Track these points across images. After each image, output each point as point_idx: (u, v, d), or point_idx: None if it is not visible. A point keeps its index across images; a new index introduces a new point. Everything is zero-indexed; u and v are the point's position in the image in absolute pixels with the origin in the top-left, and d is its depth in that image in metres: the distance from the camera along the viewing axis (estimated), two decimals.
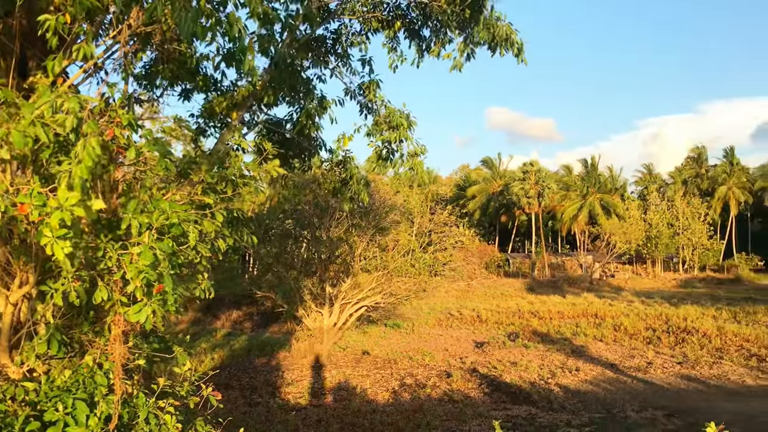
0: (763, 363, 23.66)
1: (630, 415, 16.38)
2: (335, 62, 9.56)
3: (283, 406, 17.45)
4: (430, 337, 30.05)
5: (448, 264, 29.28)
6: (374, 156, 9.68)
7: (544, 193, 74.46)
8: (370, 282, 25.41)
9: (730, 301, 45.94)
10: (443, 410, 16.85)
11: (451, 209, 33.45)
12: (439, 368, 22.74)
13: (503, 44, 8.75)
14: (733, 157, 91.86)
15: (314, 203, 24.17)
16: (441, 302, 42.65)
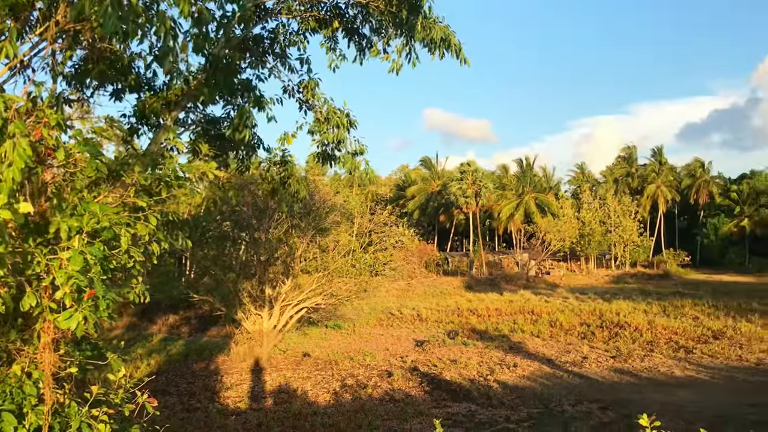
0: (690, 354, 24.63)
1: (566, 409, 16.78)
2: (273, 61, 9.46)
3: (223, 411, 17.18)
4: (371, 337, 30.12)
5: (389, 264, 29.39)
6: (314, 155, 9.63)
7: (481, 193, 75.57)
8: (311, 283, 25.28)
9: (659, 295, 47.66)
10: (384, 410, 16.90)
11: (391, 209, 33.60)
12: (380, 368, 22.80)
13: (441, 46, 8.83)
14: (662, 156, 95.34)
15: (253, 204, 23.89)
16: (382, 302, 42.80)
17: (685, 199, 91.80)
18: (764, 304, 39.59)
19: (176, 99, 8.36)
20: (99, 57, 7.31)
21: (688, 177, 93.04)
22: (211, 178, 6.29)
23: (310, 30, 9.42)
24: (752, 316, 33.51)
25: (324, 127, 9.19)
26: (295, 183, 9.64)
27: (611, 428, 14.44)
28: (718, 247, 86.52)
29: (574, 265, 79.96)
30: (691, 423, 14.46)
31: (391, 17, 8.70)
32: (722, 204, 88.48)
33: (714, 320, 32.58)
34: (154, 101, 8.32)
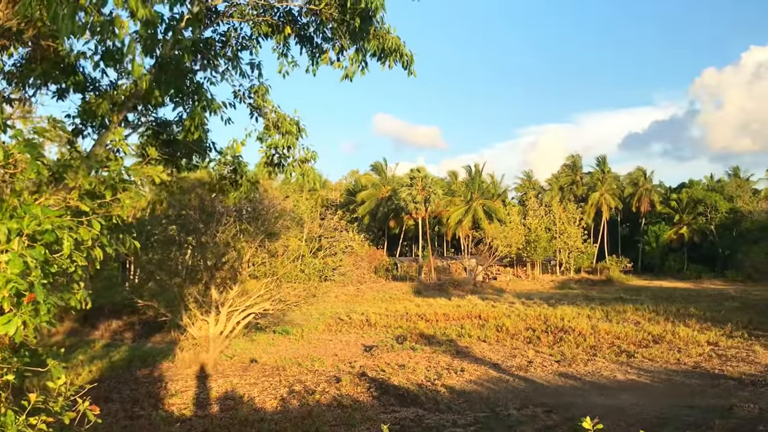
0: (631, 358, 25.28)
1: (512, 413, 17.01)
2: (225, 65, 9.37)
3: (167, 418, 16.85)
4: (319, 343, 29.98)
5: (338, 269, 29.40)
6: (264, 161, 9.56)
7: (430, 199, 76.12)
8: (259, 288, 25.04)
9: (602, 301, 48.81)
10: (332, 416, 16.84)
11: (342, 214, 33.66)
12: (328, 374, 22.71)
13: (393, 56, 8.89)
14: (605, 165, 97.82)
15: (200, 208, 23.55)
16: (331, 307, 42.65)
17: (627, 206, 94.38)
18: (701, 309, 40.95)
19: (123, 100, 8.20)
20: (42, 56, 7.12)
21: (631, 185, 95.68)
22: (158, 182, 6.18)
23: (262, 35, 9.36)
24: (690, 321, 34.65)
25: (273, 133, 9.13)
26: (246, 183, 9.55)
27: (555, 431, 14.69)
28: (659, 254, 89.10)
29: (521, 270, 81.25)
30: (632, 425, 14.85)
31: (344, 26, 8.72)
32: (663, 212, 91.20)
33: (654, 325, 33.52)
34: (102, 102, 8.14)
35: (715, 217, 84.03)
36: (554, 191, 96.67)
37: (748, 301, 47.32)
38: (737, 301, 48.08)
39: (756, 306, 43.67)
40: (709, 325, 33.26)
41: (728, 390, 19.75)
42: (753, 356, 25.25)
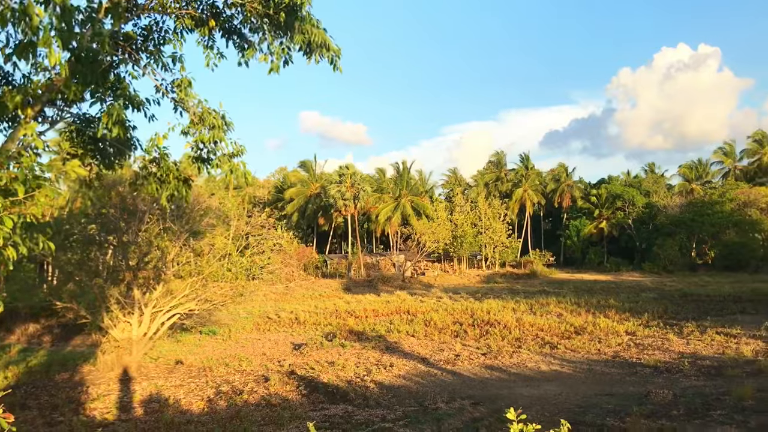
0: (555, 350, 26.05)
1: (440, 406, 17.25)
2: (147, 59, 9.10)
3: (88, 423, 16.28)
4: (247, 342, 29.59)
5: (266, 267, 29.07)
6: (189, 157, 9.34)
7: (359, 196, 76.28)
8: (184, 288, 24.50)
9: (527, 294, 50.09)
10: (261, 415, 16.67)
11: (270, 212, 33.26)
12: (256, 373, 22.46)
13: (318, 50, 8.84)
14: (528, 162, 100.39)
15: (121, 206, 22.84)
16: (259, 306, 42.16)
17: (550, 202, 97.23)
18: (620, 300, 42.62)
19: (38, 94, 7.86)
20: None
21: (553, 181, 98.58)
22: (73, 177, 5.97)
23: (186, 28, 9.14)
24: (610, 312, 36.00)
25: (199, 127, 8.94)
26: (174, 182, 9.29)
27: (482, 423, 14.99)
28: (580, 248, 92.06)
29: (448, 265, 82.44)
30: (555, 414, 15.31)
31: (268, 19, 8.62)
32: (583, 207, 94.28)
33: (576, 317, 34.64)
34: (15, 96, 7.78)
35: (632, 211, 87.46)
36: (480, 187, 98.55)
37: (663, 292, 49.54)
38: (653, 292, 50.26)
39: (671, 296, 45.78)
40: (628, 316, 34.63)
41: (645, 377, 20.62)
42: (667, 344, 26.43)
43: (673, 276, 68.58)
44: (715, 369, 21.43)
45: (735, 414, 14.87)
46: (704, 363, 22.50)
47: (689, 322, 31.97)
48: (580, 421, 14.19)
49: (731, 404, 15.84)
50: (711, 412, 15.24)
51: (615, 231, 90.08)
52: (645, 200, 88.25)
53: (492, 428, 14.32)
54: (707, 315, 34.94)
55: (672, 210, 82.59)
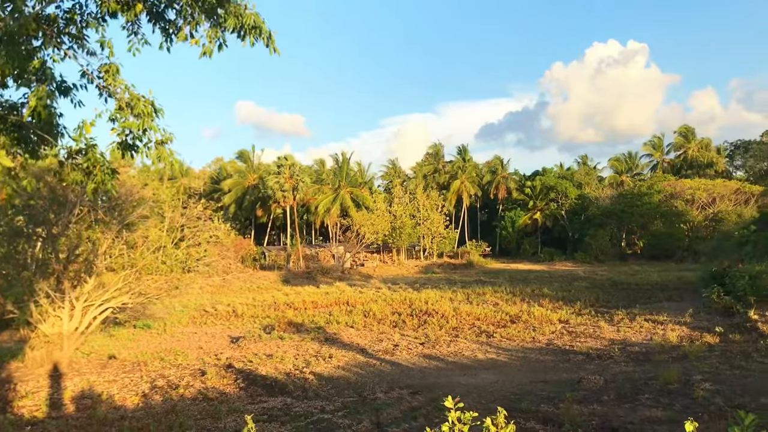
0: (491, 338, 26.52)
1: (379, 396, 17.32)
2: (70, 43, 8.74)
3: (16, 422, 15.67)
4: (183, 336, 29.05)
5: (203, 259, 28.53)
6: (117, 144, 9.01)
7: (299, 187, 75.70)
8: (117, 281, 23.82)
9: (464, 284, 50.80)
10: (197, 409, 16.40)
11: (206, 203, 32.58)
12: (193, 367, 22.07)
13: (251, 32, 8.67)
14: (466, 154, 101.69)
15: (50, 197, 22.01)
16: (195, 299, 41.42)
17: (486, 193, 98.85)
18: (553, 289, 43.71)
19: None
20: None
21: (489, 173, 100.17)
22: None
23: (110, 12, 8.81)
24: (544, 301, 36.90)
25: (126, 114, 8.66)
26: (101, 174, 8.98)
27: (420, 412, 15.12)
28: (515, 238, 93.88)
29: (387, 256, 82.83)
30: (491, 402, 15.58)
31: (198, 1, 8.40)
32: (518, 198, 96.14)
33: (511, 306, 35.35)
34: None
35: (565, 203, 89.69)
36: (418, 179, 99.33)
37: (595, 281, 51.05)
38: (585, 281, 51.73)
39: (602, 285, 47.22)
40: (561, 304, 35.55)
41: (577, 364, 21.21)
42: (599, 332, 27.26)
43: (604, 265, 70.73)
44: (643, 355, 22.22)
45: (661, 397, 15.45)
46: (633, 349, 23.30)
47: (619, 309, 33.04)
48: (515, 408, 14.48)
49: (658, 388, 16.46)
50: (639, 396, 15.80)
51: (549, 222, 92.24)
52: (577, 192, 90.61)
53: (430, 417, 14.46)
54: (636, 303, 36.18)
55: (603, 201, 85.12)
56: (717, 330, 25.52)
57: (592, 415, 13.84)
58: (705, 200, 77.66)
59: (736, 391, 15.84)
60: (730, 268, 35.82)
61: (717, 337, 24.57)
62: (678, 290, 42.10)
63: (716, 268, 37.63)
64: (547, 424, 13.24)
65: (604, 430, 12.71)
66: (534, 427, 12.94)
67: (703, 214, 76.96)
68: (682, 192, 79.27)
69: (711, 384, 16.56)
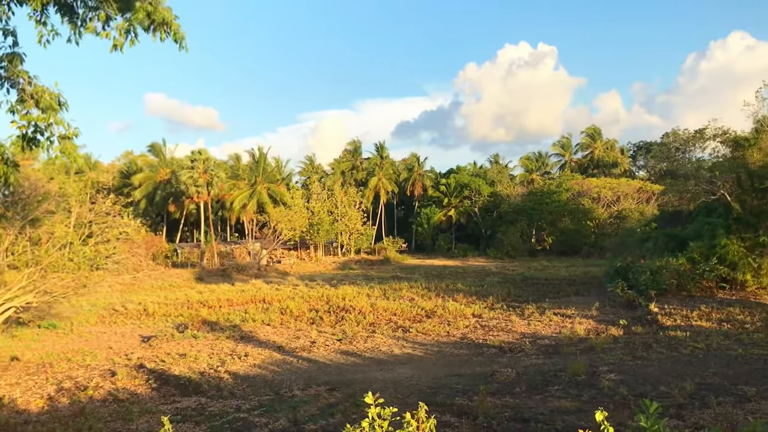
0: (407, 333, 26.91)
1: (296, 393, 17.32)
2: None
3: None
4: (91, 336, 28.02)
5: (112, 257, 27.61)
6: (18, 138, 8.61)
7: (213, 182, 74.08)
8: (20, 280, 22.74)
9: (380, 280, 51.23)
10: (108, 411, 15.91)
11: (115, 198, 31.49)
12: (102, 368, 21.36)
13: (161, 28, 8.47)
14: (383, 151, 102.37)
15: None
16: (104, 298, 39.95)
17: (403, 190, 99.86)
18: (467, 284, 44.72)
19: None
20: None
21: (406, 171, 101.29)
22: None
23: (16, 1, 8.41)
24: (458, 296, 37.73)
25: (30, 106, 8.29)
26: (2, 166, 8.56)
27: (338, 408, 15.22)
28: (430, 235, 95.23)
29: (304, 253, 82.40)
30: (407, 396, 15.87)
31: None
32: (434, 196, 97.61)
33: (427, 301, 35.97)
34: None
35: (478, 200, 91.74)
36: (336, 175, 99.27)
37: (506, 276, 52.55)
38: (498, 276, 53.15)
39: (513, 280, 48.67)
40: (474, 299, 36.44)
41: (490, 358, 21.85)
42: (510, 325, 28.14)
43: (515, 261, 72.85)
44: (552, 347, 23.13)
45: (570, 388, 16.16)
46: (543, 342, 24.20)
47: (530, 304, 34.20)
48: (431, 402, 14.78)
49: (567, 380, 17.19)
50: (549, 387, 16.46)
51: (463, 218, 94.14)
52: (490, 189, 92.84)
53: (347, 413, 14.59)
54: (546, 297, 37.52)
55: (514, 199, 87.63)
56: (621, 323, 26.85)
57: (505, 407, 14.32)
58: (610, 198, 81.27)
59: (638, 380, 16.75)
60: (633, 264, 37.67)
61: (621, 329, 25.85)
62: (585, 285, 43.92)
63: (620, 263, 39.49)
64: (461, 417, 13.61)
65: (516, 421, 13.18)
66: (449, 420, 13.27)
67: (608, 212, 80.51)
68: (589, 190, 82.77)
69: (616, 374, 17.45)
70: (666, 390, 15.12)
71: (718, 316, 27.56)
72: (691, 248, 35.52)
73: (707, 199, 40.26)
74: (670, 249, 37.44)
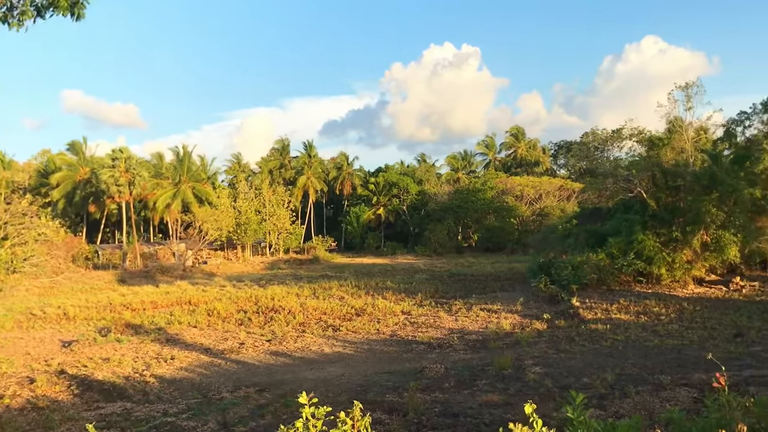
0: (337, 332, 26.97)
1: (225, 396, 17.12)
2: None
3: None
4: (7, 342, 26.81)
5: (30, 259, 26.54)
6: None
7: (135, 182, 72.00)
8: None
9: (310, 279, 51.06)
10: (26, 420, 15.33)
11: (32, 198, 30.27)
12: (19, 375, 20.51)
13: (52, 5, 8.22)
14: (312, 149, 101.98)
15: None
16: (21, 302, 38.21)
17: (332, 189, 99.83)
18: (396, 282, 45.13)
19: None
20: None
21: (335, 169, 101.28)
22: None
23: None
24: (387, 294, 38.04)
25: None
26: None
27: (267, 409, 15.14)
28: (360, 233, 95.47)
29: (231, 253, 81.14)
30: (338, 395, 15.92)
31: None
32: (363, 194, 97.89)
33: (357, 299, 36.11)
34: None
35: (407, 198, 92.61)
36: (264, 174, 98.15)
37: (434, 273, 53.30)
38: (426, 273, 53.85)
39: (441, 277, 49.42)
40: (403, 297, 36.83)
41: (420, 354, 22.17)
42: (439, 322, 28.60)
43: (443, 258, 73.93)
44: (480, 342, 23.66)
45: (497, 382, 16.59)
46: (471, 337, 24.73)
47: (457, 300, 34.84)
48: (362, 400, 14.80)
49: (494, 374, 17.64)
50: (477, 382, 16.85)
51: (391, 217, 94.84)
52: (418, 188, 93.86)
53: (278, 414, 14.52)
54: (472, 293, 38.29)
55: (441, 197, 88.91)
56: (545, 317, 27.71)
57: (435, 403, 14.58)
58: (533, 196, 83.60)
59: (562, 372, 17.36)
60: (555, 259, 38.89)
61: (545, 323, 26.69)
62: (510, 280, 45.04)
63: (543, 259, 40.69)
64: (392, 414, 13.77)
65: (446, 416, 13.44)
66: (380, 417, 13.41)
67: (531, 209, 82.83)
68: (513, 188, 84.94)
69: (541, 367, 18.02)
70: (588, 381, 15.72)
71: (635, 308, 28.83)
72: (610, 244, 36.99)
73: (625, 197, 41.99)
74: (590, 245, 38.88)
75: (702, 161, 38.57)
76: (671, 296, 32.22)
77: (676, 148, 39.17)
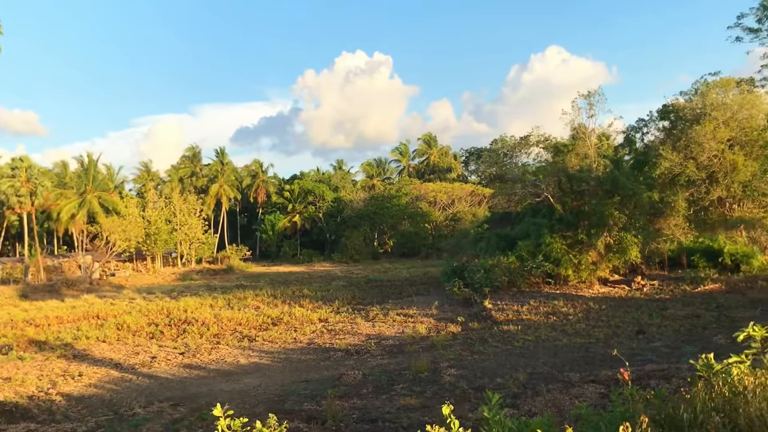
0: (253, 342, 26.62)
1: (137, 411, 16.59)
2: None
3: None
4: None
5: None
6: None
7: (37, 192, 68.73)
8: None
9: (224, 289, 50.14)
10: None
11: None
12: None
13: None
14: (224, 157, 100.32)
15: None
16: None
17: (246, 197, 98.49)
18: (313, 290, 44.97)
19: None
20: None
21: (249, 177, 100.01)
22: None
23: None
24: (304, 302, 37.84)
25: None
26: None
27: (183, 423, 14.79)
28: (275, 241, 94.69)
29: (141, 265, 78.66)
30: (255, 406, 15.74)
31: None
32: (278, 202, 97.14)
33: (273, 308, 35.74)
34: None
35: (323, 205, 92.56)
36: (174, 182, 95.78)
37: (351, 280, 53.44)
38: (343, 280, 53.92)
39: (358, 283, 49.60)
40: (321, 304, 36.74)
41: (337, 361, 22.18)
42: (356, 328, 28.71)
43: (360, 264, 74.25)
44: (396, 347, 23.91)
45: (414, 386, 16.82)
46: (388, 342, 24.95)
47: (374, 306, 35.07)
48: (280, 410, 14.80)
49: (411, 378, 17.88)
50: (395, 386, 17.03)
51: (307, 224, 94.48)
52: (334, 195, 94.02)
53: (193, 428, 14.22)
54: (389, 298, 38.63)
55: (357, 204, 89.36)
56: (459, 320, 28.32)
57: (353, 409, 14.64)
58: (446, 202, 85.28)
59: (476, 374, 17.79)
60: (468, 263, 39.78)
61: (459, 326, 27.27)
62: (425, 285, 45.70)
63: (456, 263, 41.56)
64: (310, 422, 13.75)
65: (364, 422, 13.53)
66: (298, 427, 13.35)
67: (444, 215, 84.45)
68: (426, 194, 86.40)
69: (456, 369, 18.41)
70: (502, 381, 16.19)
71: (545, 309, 29.87)
72: (519, 247, 38.19)
73: (533, 201, 43.44)
74: (501, 248, 40.00)
75: (604, 166, 40.41)
76: (578, 296, 33.56)
77: (580, 154, 40.88)
